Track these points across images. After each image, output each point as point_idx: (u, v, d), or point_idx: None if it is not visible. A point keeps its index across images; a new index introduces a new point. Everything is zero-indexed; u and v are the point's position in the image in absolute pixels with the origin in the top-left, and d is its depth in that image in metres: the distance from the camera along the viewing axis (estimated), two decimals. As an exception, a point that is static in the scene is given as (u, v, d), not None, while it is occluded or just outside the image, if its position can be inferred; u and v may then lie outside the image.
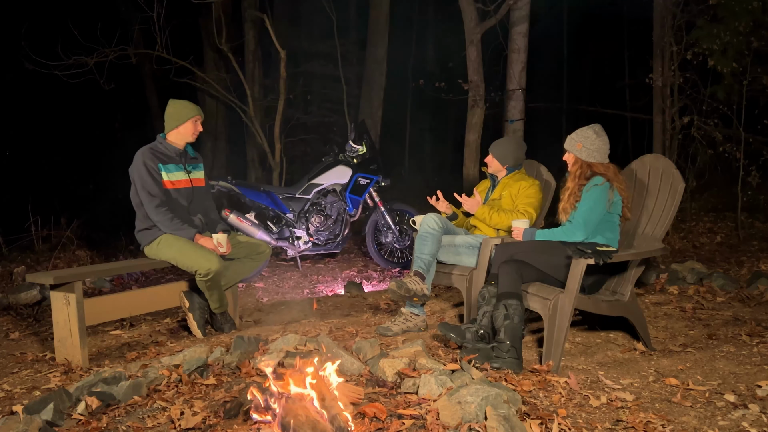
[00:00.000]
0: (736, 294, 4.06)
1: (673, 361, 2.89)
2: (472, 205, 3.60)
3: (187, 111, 3.52)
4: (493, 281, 3.01)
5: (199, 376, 2.65)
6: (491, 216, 3.52)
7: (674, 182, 3.04)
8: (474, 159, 6.16)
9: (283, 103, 6.86)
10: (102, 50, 6.49)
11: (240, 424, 2.17)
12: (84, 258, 6.13)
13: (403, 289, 3.27)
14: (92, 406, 2.32)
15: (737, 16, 5.62)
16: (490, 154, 3.74)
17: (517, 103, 6.34)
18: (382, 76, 9.02)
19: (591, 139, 3.07)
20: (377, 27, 8.98)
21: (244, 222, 5.10)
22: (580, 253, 2.72)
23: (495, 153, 3.72)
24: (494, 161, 3.72)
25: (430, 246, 3.44)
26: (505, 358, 2.69)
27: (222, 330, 3.59)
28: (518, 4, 6.04)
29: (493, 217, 3.51)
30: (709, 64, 5.88)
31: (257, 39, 7.98)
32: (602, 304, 2.97)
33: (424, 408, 2.19)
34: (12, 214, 7.13)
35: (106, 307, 3.35)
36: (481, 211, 3.56)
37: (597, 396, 2.43)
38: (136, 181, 3.43)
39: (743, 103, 6.07)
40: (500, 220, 3.49)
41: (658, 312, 3.78)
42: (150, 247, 3.47)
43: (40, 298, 4.46)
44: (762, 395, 2.42)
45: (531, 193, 3.57)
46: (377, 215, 5.64)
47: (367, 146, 5.64)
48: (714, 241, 6.02)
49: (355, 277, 5.41)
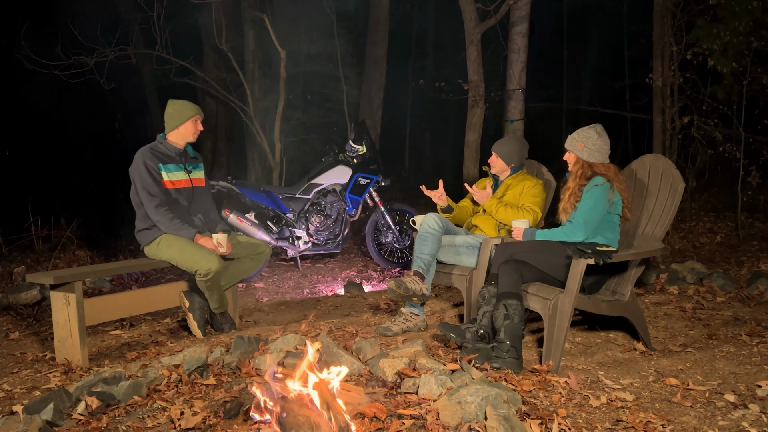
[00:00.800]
0: (736, 294, 4.06)
1: (673, 361, 2.89)
2: (482, 197, 3.61)
3: (187, 111, 3.52)
4: (493, 281, 3.01)
5: (199, 376, 2.65)
6: (498, 209, 3.52)
7: (674, 182, 3.04)
8: (474, 159, 6.16)
9: (283, 103, 6.86)
10: (102, 50, 6.49)
11: (240, 424, 2.17)
12: (84, 258, 6.13)
13: (402, 289, 3.26)
14: (92, 406, 2.32)
15: (737, 16, 5.62)
16: (494, 154, 3.72)
17: (517, 103, 6.34)
18: (382, 76, 9.02)
19: (593, 139, 3.07)
20: (377, 27, 8.98)
21: (244, 222, 5.10)
22: (580, 253, 2.72)
23: (499, 153, 3.71)
24: (499, 161, 3.71)
25: (430, 246, 3.44)
26: (505, 358, 2.69)
27: (222, 330, 3.59)
28: (518, 4, 6.04)
29: (500, 210, 3.51)
30: (709, 64, 5.88)
31: (257, 39, 7.97)
32: (602, 304, 2.97)
33: (424, 408, 2.19)
34: (12, 214, 7.14)
35: (106, 307, 3.35)
36: (489, 203, 3.57)
37: (597, 396, 2.44)
38: (136, 181, 3.43)
39: (743, 103, 6.07)
40: (506, 215, 3.49)
41: (658, 312, 3.78)
42: (150, 247, 3.47)
43: (40, 298, 4.46)
44: (762, 395, 2.42)
45: (536, 192, 3.57)
46: (377, 215, 5.64)
47: (367, 146, 5.64)
48: (714, 241, 6.02)
49: (355, 277, 5.41)
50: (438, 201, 3.72)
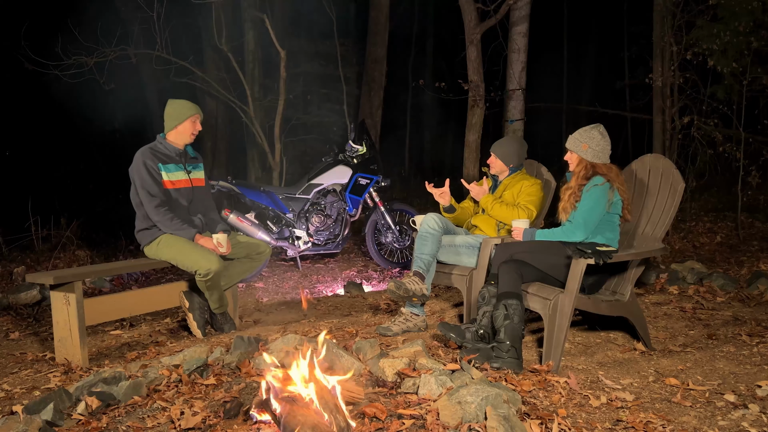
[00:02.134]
0: (736, 294, 4.06)
1: (673, 361, 2.89)
2: (479, 192, 3.62)
3: (185, 110, 3.52)
4: (493, 281, 3.01)
5: (199, 376, 2.65)
6: (493, 206, 3.52)
7: (674, 182, 3.04)
8: (474, 159, 6.16)
9: (283, 103, 6.86)
10: (102, 50, 6.49)
11: (240, 424, 2.17)
12: (84, 258, 6.12)
13: (402, 290, 3.27)
14: (92, 406, 2.32)
15: (737, 16, 5.62)
16: (493, 155, 3.73)
17: (517, 103, 6.34)
18: (382, 76, 9.02)
19: (596, 140, 3.07)
20: (377, 27, 8.97)
21: (244, 222, 5.10)
22: (580, 253, 2.72)
23: (498, 153, 3.71)
24: (497, 161, 3.72)
25: (430, 246, 3.44)
26: (505, 358, 2.69)
27: (222, 330, 3.59)
28: (518, 4, 6.05)
29: (495, 207, 3.52)
30: (709, 64, 5.88)
31: (257, 39, 7.97)
32: (602, 304, 2.97)
33: (424, 408, 2.19)
34: (12, 214, 7.14)
35: (106, 307, 3.35)
36: (485, 199, 3.58)
37: (597, 396, 2.44)
38: (135, 181, 3.42)
39: (743, 103, 6.06)
40: (501, 213, 3.50)
41: (658, 312, 3.78)
42: (150, 247, 3.47)
43: (40, 298, 4.46)
44: (762, 395, 2.42)
45: (533, 192, 3.58)
46: (377, 215, 5.64)
47: (367, 146, 5.64)
48: (714, 241, 6.01)
49: (355, 277, 5.41)
50: (439, 199, 3.72)
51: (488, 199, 3.58)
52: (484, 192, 3.62)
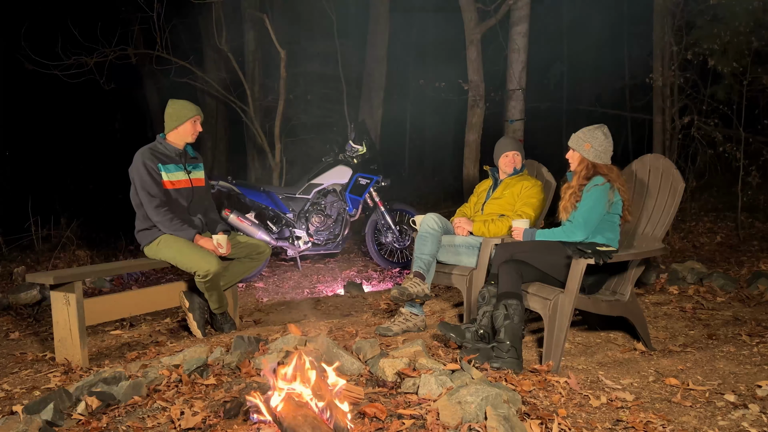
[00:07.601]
0: (736, 294, 4.06)
1: (673, 361, 2.89)
2: (465, 227, 3.62)
3: (186, 111, 3.52)
4: (493, 281, 3.01)
5: (199, 376, 2.65)
6: (488, 228, 3.53)
7: (674, 182, 3.04)
8: (474, 159, 6.16)
9: (283, 103, 6.86)
10: (102, 50, 6.49)
11: (240, 424, 2.17)
12: (84, 258, 6.13)
13: (406, 295, 3.30)
14: (92, 406, 2.32)
15: (737, 16, 5.62)
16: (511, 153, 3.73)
17: (517, 103, 6.34)
18: (382, 76, 9.01)
19: (600, 140, 3.07)
20: (377, 27, 8.97)
21: (244, 222, 5.11)
22: (580, 253, 2.72)
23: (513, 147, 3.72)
24: (517, 156, 3.74)
25: (430, 246, 3.44)
26: (505, 358, 2.69)
27: (222, 330, 3.59)
28: (518, 4, 6.04)
29: (491, 228, 3.53)
30: (709, 64, 5.88)
31: (257, 39, 7.97)
32: (602, 304, 2.97)
33: (424, 408, 2.19)
34: (12, 214, 7.14)
35: (106, 307, 3.35)
36: (477, 228, 3.58)
37: (597, 396, 2.44)
38: (135, 181, 3.42)
39: (743, 103, 6.07)
40: (498, 229, 3.51)
41: (658, 312, 3.78)
42: (150, 247, 3.47)
43: (40, 298, 4.46)
44: (762, 395, 2.42)
45: (532, 194, 3.57)
46: (377, 215, 5.64)
47: (367, 146, 5.64)
48: (714, 241, 6.01)
49: (355, 277, 5.41)
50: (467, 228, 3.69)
51: (480, 227, 3.56)
52: (469, 224, 3.62)
